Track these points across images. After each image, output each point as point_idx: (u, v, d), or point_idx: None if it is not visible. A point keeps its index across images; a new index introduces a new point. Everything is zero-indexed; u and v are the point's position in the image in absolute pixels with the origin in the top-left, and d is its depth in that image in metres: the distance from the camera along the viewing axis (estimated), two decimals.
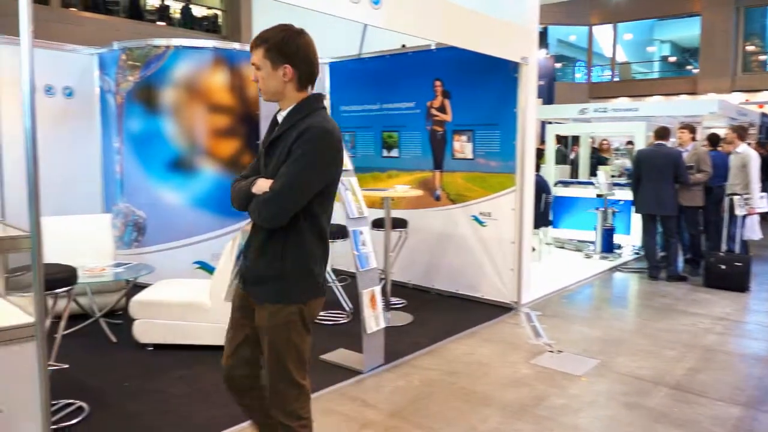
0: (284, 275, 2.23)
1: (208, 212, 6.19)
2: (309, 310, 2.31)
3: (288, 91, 2.25)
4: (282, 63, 2.19)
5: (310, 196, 2.18)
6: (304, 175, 2.14)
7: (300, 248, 2.23)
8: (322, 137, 2.17)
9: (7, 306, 2.81)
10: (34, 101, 2.44)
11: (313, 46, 2.27)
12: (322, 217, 2.28)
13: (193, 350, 4.41)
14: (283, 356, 2.29)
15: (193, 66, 6.10)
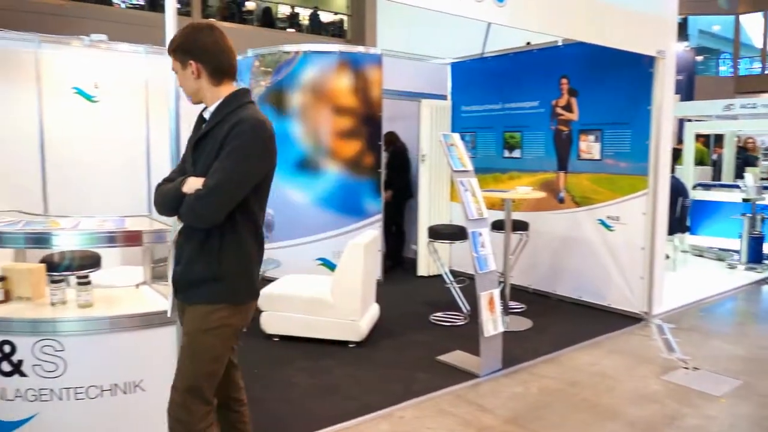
0: (221, 277, 2.11)
1: (330, 211, 6.40)
2: (243, 315, 2.20)
3: (204, 88, 2.17)
4: (188, 60, 2.14)
5: (248, 190, 2.09)
6: (240, 168, 2.04)
7: (238, 248, 2.13)
8: (256, 129, 2.08)
9: (152, 293, 3.08)
10: (178, 106, 2.66)
11: (222, 37, 2.16)
12: (258, 214, 2.20)
13: (316, 344, 4.58)
14: (198, 364, 2.14)
15: (319, 70, 6.34)
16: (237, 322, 2.18)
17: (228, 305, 2.13)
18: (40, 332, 2.56)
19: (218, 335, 2.13)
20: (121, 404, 2.67)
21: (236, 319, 2.17)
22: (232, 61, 2.19)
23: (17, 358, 2.56)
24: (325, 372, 4.12)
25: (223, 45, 2.16)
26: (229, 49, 2.18)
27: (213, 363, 2.16)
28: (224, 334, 2.15)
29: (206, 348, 2.13)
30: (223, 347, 2.17)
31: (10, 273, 2.84)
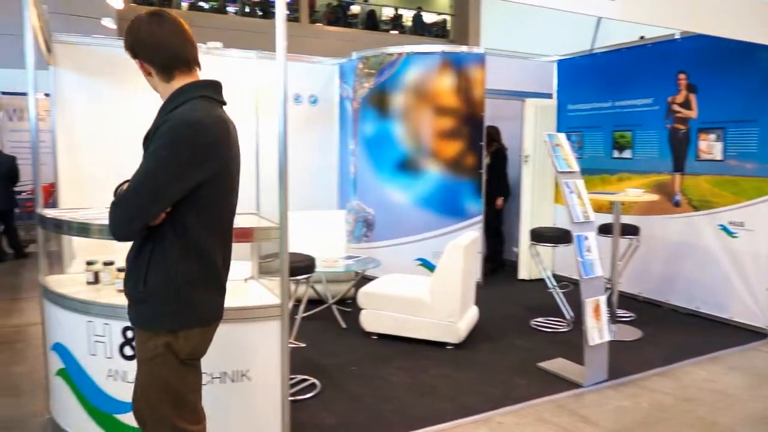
0: (147, 298, 1.87)
1: (430, 212, 6.40)
2: (182, 342, 1.90)
3: (158, 85, 1.97)
4: (135, 57, 1.95)
5: (168, 201, 1.79)
6: (152, 176, 1.77)
7: (164, 267, 1.84)
8: (179, 130, 1.78)
9: (259, 287, 3.21)
10: (286, 109, 2.76)
11: (168, 25, 1.92)
12: (197, 230, 1.87)
13: (413, 343, 4.60)
14: (153, 395, 1.93)
15: (422, 70, 6.35)
16: (179, 350, 1.90)
17: (163, 332, 1.88)
18: None
19: (161, 363, 1.90)
20: (230, 391, 2.81)
21: (177, 347, 1.90)
22: (178, 52, 1.92)
23: None
24: (423, 372, 4.12)
25: (163, 35, 1.91)
26: (176, 39, 1.92)
27: (171, 390, 1.93)
28: (168, 362, 1.90)
29: (155, 377, 1.92)
30: (171, 375, 1.92)
31: None
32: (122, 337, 2.76)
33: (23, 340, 4.86)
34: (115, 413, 2.83)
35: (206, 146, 1.83)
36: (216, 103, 1.98)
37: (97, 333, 2.80)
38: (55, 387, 3.10)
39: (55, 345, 3.02)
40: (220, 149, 1.88)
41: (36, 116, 3.31)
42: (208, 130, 1.83)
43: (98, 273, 3.12)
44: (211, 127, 1.85)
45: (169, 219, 1.83)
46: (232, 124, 2.00)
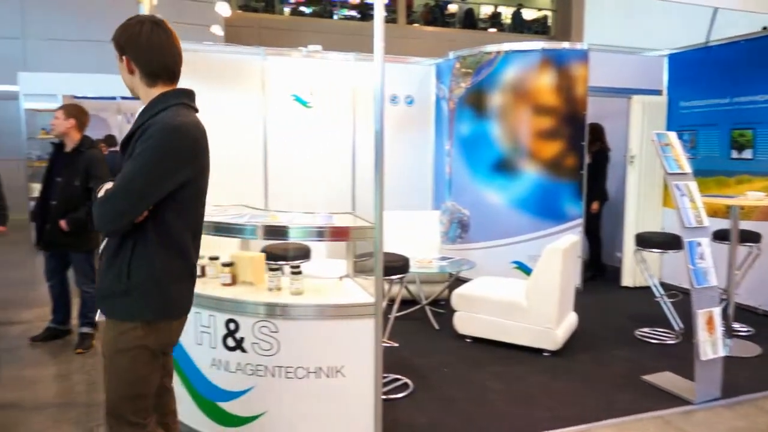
0: (129, 291, 1.97)
1: (527, 214, 6.22)
2: (159, 334, 2.03)
3: (138, 86, 2.06)
4: (122, 54, 2.03)
5: (151, 200, 1.93)
6: (139, 176, 1.90)
7: (147, 261, 1.96)
8: (164, 134, 1.91)
9: (353, 286, 3.25)
10: (383, 110, 2.77)
11: (162, 36, 2.02)
12: (176, 227, 2.00)
13: (509, 348, 4.49)
14: (117, 386, 2.04)
15: (521, 69, 6.19)
16: (153, 342, 2.02)
17: (141, 324, 1.99)
18: (259, 314, 2.85)
19: (133, 357, 2.00)
20: (324, 387, 2.86)
21: (152, 339, 2.02)
22: (168, 64, 2.05)
23: (240, 335, 2.88)
24: (518, 379, 4.01)
25: (160, 45, 2.02)
26: (168, 51, 2.04)
27: (133, 386, 2.04)
28: (140, 356, 2.01)
29: (123, 370, 2.02)
30: (142, 369, 2.03)
31: (237, 260, 3.21)
32: (225, 329, 2.89)
33: None
34: (218, 401, 2.97)
35: (188, 149, 1.98)
36: (192, 110, 2.11)
37: (202, 324, 2.95)
38: None
39: None
40: (199, 152, 2.03)
41: None
42: (188, 134, 1.98)
43: (204, 267, 3.28)
44: (191, 131, 2.00)
45: (151, 216, 1.96)
46: (204, 129, 2.11)
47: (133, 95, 2.10)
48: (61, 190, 4.40)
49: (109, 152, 8.73)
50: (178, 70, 2.10)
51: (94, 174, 4.39)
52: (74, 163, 4.42)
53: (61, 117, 4.42)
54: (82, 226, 4.38)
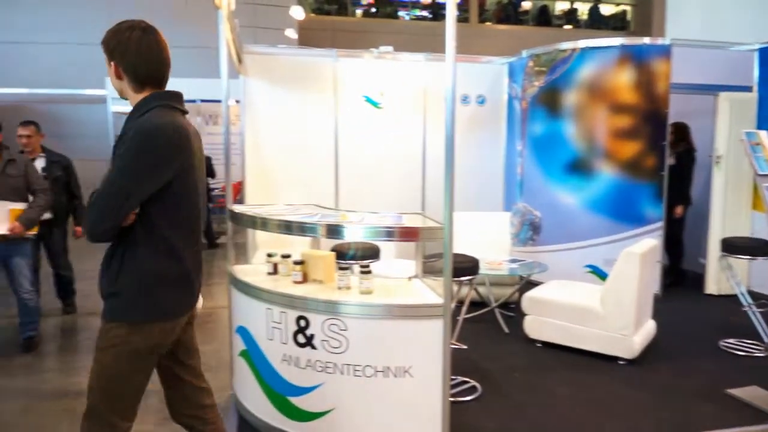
0: (118, 293, 2.01)
1: (603, 216, 6.01)
2: (146, 335, 2.04)
3: (126, 90, 2.10)
4: (110, 60, 2.06)
5: (133, 202, 1.95)
6: (121, 178, 1.93)
7: (135, 264, 2.00)
8: (141, 136, 1.94)
9: (422, 286, 3.24)
10: (454, 110, 2.75)
11: (151, 43, 2.06)
12: (164, 228, 2.02)
13: (581, 354, 4.35)
14: (99, 384, 2.06)
15: (598, 66, 5.99)
16: (139, 342, 2.04)
17: (125, 323, 2.02)
18: (329, 312, 2.89)
19: (115, 354, 2.03)
20: (392, 386, 2.87)
21: (137, 338, 2.03)
22: (154, 71, 2.09)
23: (310, 332, 2.93)
24: (591, 386, 3.88)
25: (149, 52, 2.07)
26: (156, 58, 2.09)
27: (112, 383, 2.06)
28: (122, 354, 2.03)
29: (103, 366, 2.06)
30: (125, 368, 2.05)
31: (308, 258, 3.27)
32: (296, 326, 2.95)
33: (213, 321, 5.42)
34: (288, 395, 3.04)
35: (166, 150, 1.98)
36: (177, 112, 2.13)
37: (274, 320, 3.02)
38: (237, 366, 3.40)
39: (239, 328, 3.31)
40: (180, 153, 2.03)
41: (228, 121, 3.66)
42: (167, 135, 1.99)
43: (277, 265, 3.37)
44: (170, 132, 2.00)
45: (139, 220, 2.00)
46: (192, 130, 2.15)
47: (120, 96, 2.15)
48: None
49: None
50: (165, 77, 2.14)
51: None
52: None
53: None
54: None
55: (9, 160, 4.40)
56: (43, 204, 4.50)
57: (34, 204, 4.44)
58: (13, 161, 4.43)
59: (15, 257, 4.47)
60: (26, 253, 4.55)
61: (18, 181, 4.41)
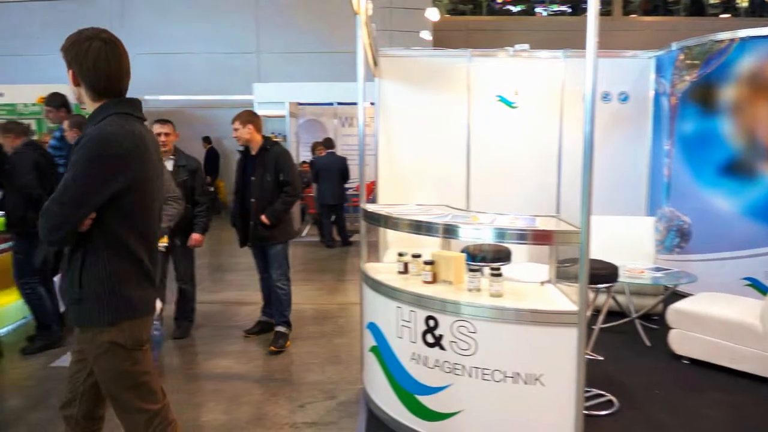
0: (84, 298, 2.05)
1: (764, 224, 5.41)
2: (126, 333, 2.09)
3: (84, 96, 2.11)
4: (69, 67, 2.07)
5: (87, 209, 1.98)
6: (73, 185, 1.95)
7: (98, 268, 2.03)
8: (93, 144, 1.97)
9: (555, 292, 3.12)
10: (594, 108, 2.61)
11: (112, 53, 2.07)
12: (122, 233, 2.06)
13: (737, 376, 3.95)
14: (112, 386, 2.14)
15: (762, 57, 5.40)
16: (125, 338, 2.09)
17: (104, 327, 2.06)
18: (458, 313, 2.87)
19: (111, 357, 2.09)
20: (521, 393, 2.79)
21: (122, 336, 2.09)
22: (113, 82, 2.09)
23: (438, 332, 2.93)
24: (744, 410, 3.51)
25: (106, 63, 2.06)
26: (115, 68, 2.09)
27: (123, 379, 2.13)
28: (117, 353, 2.09)
29: (105, 371, 2.12)
30: (123, 366, 2.11)
31: (437, 259, 3.28)
32: (425, 325, 2.96)
33: (345, 317, 5.61)
34: (416, 394, 3.06)
35: (118, 157, 2.00)
36: (133, 118, 2.13)
37: (404, 318, 3.06)
38: (367, 361, 3.49)
39: (370, 324, 3.40)
40: (133, 160, 2.05)
41: (363, 123, 3.77)
42: (119, 143, 2.00)
43: (407, 264, 3.41)
44: (122, 140, 2.01)
45: (97, 225, 2.02)
46: (148, 137, 2.17)
47: (78, 101, 2.18)
48: (257, 188, 4.60)
49: (327, 153, 9.52)
50: (125, 87, 2.16)
51: (283, 166, 4.63)
52: (264, 161, 4.62)
53: (240, 126, 4.61)
54: (279, 218, 4.60)
55: None
56: (174, 214, 3.98)
57: (162, 213, 3.98)
58: None
59: None
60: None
61: None
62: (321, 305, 6.04)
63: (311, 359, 4.48)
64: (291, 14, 12.86)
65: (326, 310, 5.85)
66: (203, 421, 3.51)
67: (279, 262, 4.72)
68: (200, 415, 3.58)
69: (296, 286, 6.84)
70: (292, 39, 12.86)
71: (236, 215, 4.80)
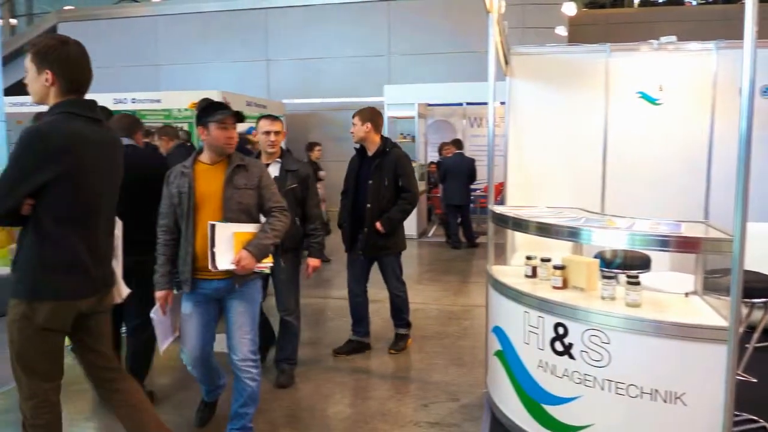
0: (17, 273, 2.32)
1: None
2: (37, 312, 2.27)
3: (51, 96, 2.33)
4: (44, 68, 2.29)
5: (18, 196, 2.21)
6: (10, 172, 2.23)
7: (28, 249, 2.29)
8: (29, 137, 2.22)
9: (702, 305, 2.87)
10: (752, 103, 2.37)
11: (83, 55, 2.36)
12: (48, 221, 2.26)
13: None
14: (12, 354, 2.33)
15: None
16: (35, 318, 2.27)
17: (23, 300, 2.28)
18: (589, 322, 2.73)
19: (18, 329, 2.29)
20: (660, 412, 2.60)
21: (37, 315, 2.27)
22: (84, 81, 2.38)
23: (568, 341, 2.81)
24: None
25: (84, 63, 2.38)
26: (88, 69, 2.39)
27: (23, 353, 2.31)
28: (23, 328, 2.28)
29: (12, 340, 2.32)
30: (29, 342, 2.30)
31: (569, 263, 3.14)
32: (554, 332, 2.86)
33: (469, 319, 5.56)
34: (543, 403, 2.96)
35: (48, 152, 2.23)
36: (80, 118, 2.33)
37: (531, 324, 2.98)
38: (492, 365, 3.44)
39: (495, 328, 3.34)
40: (64, 156, 2.25)
41: (493, 123, 3.71)
42: (50, 138, 2.24)
43: (536, 268, 3.31)
44: (56, 137, 2.25)
45: (32, 211, 2.26)
46: (99, 137, 2.39)
47: (36, 101, 2.39)
48: (374, 193, 4.35)
49: (455, 154, 9.50)
50: (89, 85, 2.42)
51: (402, 172, 4.40)
52: (382, 164, 4.38)
53: (358, 122, 4.40)
54: (395, 226, 4.39)
55: (238, 165, 3.02)
56: (280, 228, 3.04)
57: (268, 227, 3.01)
58: (244, 168, 3.03)
59: (235, 302, 3.05)
60: (252, 298, 3.11)
61: (248, 196, 3.02)
62: (445, 306, 6.04)
63: (435, 359, 4.50)
64: (422, 15, 12.98)
65: (450, 311, 5.84)
66: (330, 412, 3.65)
67: (394, 273, 4.55)
68: (327, 406, 3.73)
69: (422, 285, 6.91)
70: (422, 40, 12.97)
71: (345, 218, 4.55)
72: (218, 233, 2.85)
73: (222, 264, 2.86)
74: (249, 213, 3.02)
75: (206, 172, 3.00)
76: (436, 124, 12.82)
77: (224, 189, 2.95)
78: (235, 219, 2.94)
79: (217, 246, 2.85)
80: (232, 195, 2.95)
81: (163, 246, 3.08)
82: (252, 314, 3.09)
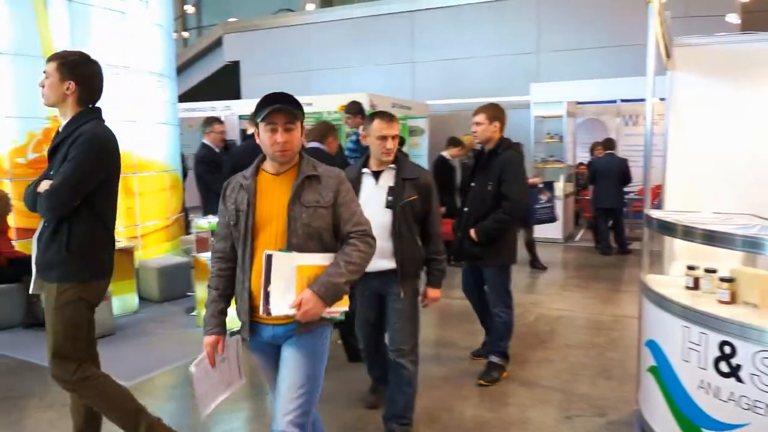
0: (68, 260, 2.61)
1: None
2: (93, 290, 2.70)
3: (68, 104, 2.70)
4: (72, 80, 2.66)
5: (85, 191, 2.62)
6: (76, 173, 2.57)
7: (83, 236, 2.64)
8: (91, 141, 2.62)
9: None
10: None
11: (101, 75, 2.79)
12: (103, 210, 2.75)
13: None
14: (60, 331, 2.63)
15: None
16: (88, 295, 2.69)
17: (76, 283, 2.64)
18: (763, 342, 2.44)
19: (72, 308, 2.64)
20: None
21: (86, 293, 2.68)
22: (97, 98, 2.78)
23: (736, 362, 2.53)
24: None
25: (101, 81, 2.79)
26: (102, 88, 2.80)
27: (71, 331, 2.65)
28: (77, 307, 2.66)
29: (61, 320, 2.64)
30: (78, 317, 2.67)
31: (739, 276, 2.83)
32: (718, 351, 2.59)
33: (618, 330, 5.22)
34: (703, 427, 2.70)
35: (108, 154, 2.72)
36: (103, 124, 2.78)
37: (692, 340, 2.72)
38: (644, 381, 3.20)
39: (649, 342, 3.10)
40: (114, 157, 2.77)
41: (651, 121, 3.45)
42: (107, 144, 2.72)
43: (698, 279, 3.02)
44: (109, 142, 2.73)
45: (85, 202, 2.64)
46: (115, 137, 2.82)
47: (48, 104, 2.72)
48: (475, 197, 4.00)
49: (606, 154, 8.98)
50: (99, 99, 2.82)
51: (506, 177, 3.88)
52: (489, 166, 3.97)
53: (485, 121, 3.97)
54: (490, 236, 3.88)
55: (309, 176, 2.27)
56: (359, 262, 2.24)
57: (342, 259, 2.23)
58: (316, 179, 2.28)
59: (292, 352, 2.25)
60: (313, 350, 2.28)
61: (319, 216, 2.25)
62: (593, 315, 5.73)
63: (581, 370, 4.29)
64: (573, 10, 12.42)
65: (598, 321, 5.53)
66: (468, 415, 3.61)
67: (497, 289, 4.07)
68: (465, 409, 3.70)
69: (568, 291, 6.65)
70: (573, 35, 12.40)
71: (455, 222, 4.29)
72: (276, 266, 2.15)
73: (277, 308, 2.16)
74: (320, 239, 2.25)
75: (270, 185, 2.28)
76: (587, 122, 12.20)
77: (289, 207, 2.21)
78: (301, 247, 2.20)
79: (273, 283, 2.15)
80: (300, 215, 2.21)
81: (216, 278, 2.35)
82: (311, 373, 2.24)
